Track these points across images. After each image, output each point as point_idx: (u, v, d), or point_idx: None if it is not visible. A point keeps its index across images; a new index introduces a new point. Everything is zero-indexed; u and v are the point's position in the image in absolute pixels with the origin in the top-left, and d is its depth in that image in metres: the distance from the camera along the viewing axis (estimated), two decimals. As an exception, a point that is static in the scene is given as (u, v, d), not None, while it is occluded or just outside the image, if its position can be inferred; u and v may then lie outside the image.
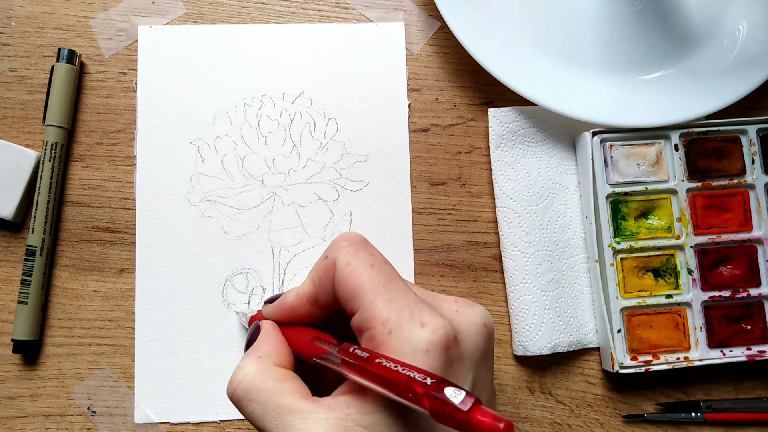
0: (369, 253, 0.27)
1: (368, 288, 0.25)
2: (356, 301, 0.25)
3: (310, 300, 0.28)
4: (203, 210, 0.40)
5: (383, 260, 0.27)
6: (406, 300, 0.25)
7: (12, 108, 0.40)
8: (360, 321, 0.25)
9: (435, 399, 0.20)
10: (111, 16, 0.41)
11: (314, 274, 0.28)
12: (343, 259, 0.26)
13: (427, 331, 0.23)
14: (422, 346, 0.23)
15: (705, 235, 0.40)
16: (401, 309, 0.24)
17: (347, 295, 0.26)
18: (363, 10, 0.42)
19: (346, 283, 0.26)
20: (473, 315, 0.26)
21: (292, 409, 0.24)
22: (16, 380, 0.39)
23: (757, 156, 0.40)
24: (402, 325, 0.24)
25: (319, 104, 0.41)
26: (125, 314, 0.39)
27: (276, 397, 0.25)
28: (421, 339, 0.23)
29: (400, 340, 0.23)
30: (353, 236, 0.27)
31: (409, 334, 0.23)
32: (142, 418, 0.38)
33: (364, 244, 0.27)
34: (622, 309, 0.39)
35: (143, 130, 0.40)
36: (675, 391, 0.41)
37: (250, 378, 0.26)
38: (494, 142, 0.41)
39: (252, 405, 0.25)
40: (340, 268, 0.26)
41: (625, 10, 0.42)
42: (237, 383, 0.26)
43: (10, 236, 0.40)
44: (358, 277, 0.25)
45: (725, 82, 0.41)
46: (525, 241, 0.40)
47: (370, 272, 0.25)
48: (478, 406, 0.19)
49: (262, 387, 0.25)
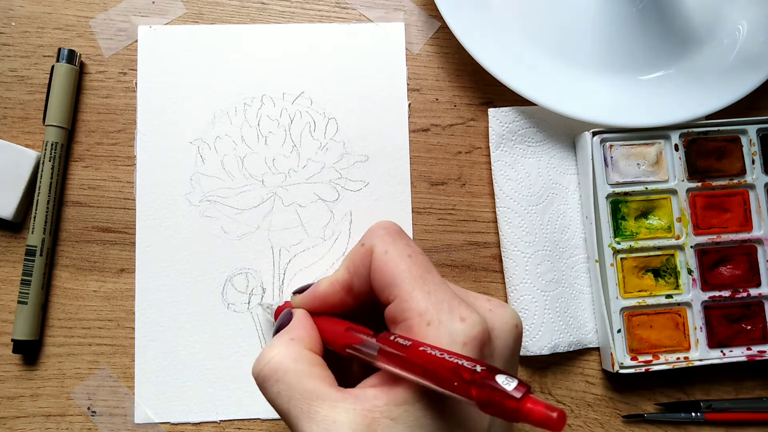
0: (406, 244, 0.26)
1: (406, 278, 0.25)
2: (393, 290, 0.25)
3: (344, 287, 0.28)
4: (203, 210, 0.40)
5: (420, 251, 0.26)
6: (444, 293, 0.24)
7: (12, 108, 0.41)
8: (396, 311, 0.25)
9: (484, 387, 0.20)
10: (111, 16, 0.41)
11: (349, 261, 0.27)
12: (380, 248, 0.26)
13: (467, 325, 0.23)
14: (460, 340, 0.23)
15: (705, 235, 0.40)
16: (440, 302, 0.24)
17: (384, 284, 0.25)
18: (363, 10, 0.42)
19: (384, 272, 0.25)
20: (506, 315, 0.26)
21: (319, 394, 0.23)
22: (16, 380, 0.39)
23: (757, 156, 0.40)
24: (441, 318, 0.23)
25: (319, 104, 0.41)
26: (125, 314, 0.39)
27: (305, 380, 0.24)
28: (459, 332, 0.23)
29: (439, 332, 0.23)
30: (390, 225, 0.27)
31: (449, 326, 0.23)
32: (142, 418, 0.38)
33: (401, 233, 0.27)
34: (622, 309, 0.39)
35: (143, 130, 0.40)
36: (675, 391, 0.41)
37: (279, 358, 0.25)
38: (494, 142, 0.41)
39: (278, 386, 0.24)
40: (378, 257, 0.26)
41: (625, 10, 0.42)
42: (266, 362, 0.25)
43: (10, 236, 0.40)
44: (396, 267, 0.25)
45: (725, 82, 0.41)
46: (525, 241, 0.40)
47: (408, 262, 0.25)
48: (530, 396, 0.19)
49: (291, 368, 0.25)
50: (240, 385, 0.39)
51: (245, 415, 0.39)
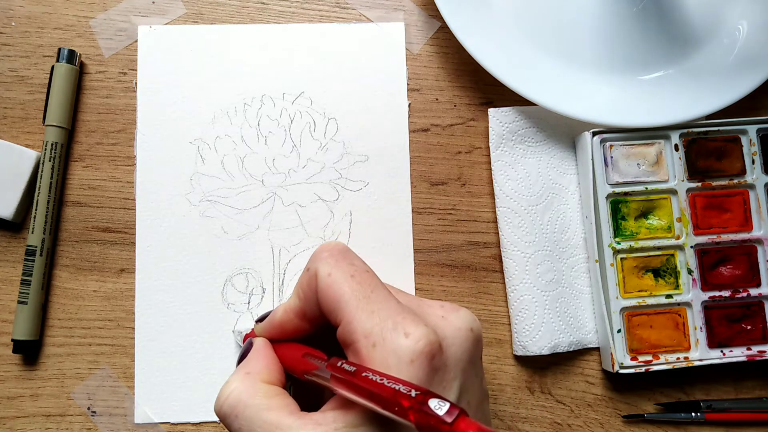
0: (350, 263, 0.26)
1: (349, 299, 0.25)
2: (339, 313, 0.25)
3: (298, 314, 0.28)
4: (203, 210, 0.40)
5: (365, 269, 0.26)
6: (388, 310, 0.24)
7: (12, 108, 0.41)
8: (344, 333, 0.25)
9: (420, 412, 0.20)
10: (111, 16, 0.41)
11: (299, 287, 0.28)
12: (323, 270, 0.26)
13: (411, 340, 0.23)
14: (407, 357, 0.23)
15: (705, 235, 0.40)
16: (383, 320, 0.24)
17: (330, 307, 0.25)
18: (363, 10, 0.42)
19: (328, 295, 0.25)
20: (458, 320, 0.26)
21: (278, 425, 0.24)
22: (16, 380, 0.39)
23: (757, 156, 0.40)
24: (385, 337, 0.23)
25: (319, 104, 0.41)
26: (125, 314, 0.39)
27: (262, 413, 0.24)
28: (405, 349, 0.23)
29: (385, 352, 0.23)
30: (333, 246, 0.27)
31: (393, 345, 0.23)
32: (142, 418, 0.38)
33: (344, 253, 0.27)
34: (622, 309, 0.39)
35: (143, 130, 0.40)
36: (675, 391, 0.41)
37: (236, 394, 0.25)
38: (494, 142, 0.41)
39: (238, 421, 0.25)
40: (322, 280, 0.26)
41: (625, 10, 0.42)
42: (224, 399, 0.26)
43: (10, 236, 0.40)
44: (339, 289, 0.25)
45: (725, 82, 0.41)
46: (525, 241, 0.40)
47: (351, 283, 0.25)
48: (463, 417, 0.19)
49: (248, 403, 0.25)
50: (240, 385, 0.39)
51: (245, 415, 0.39)
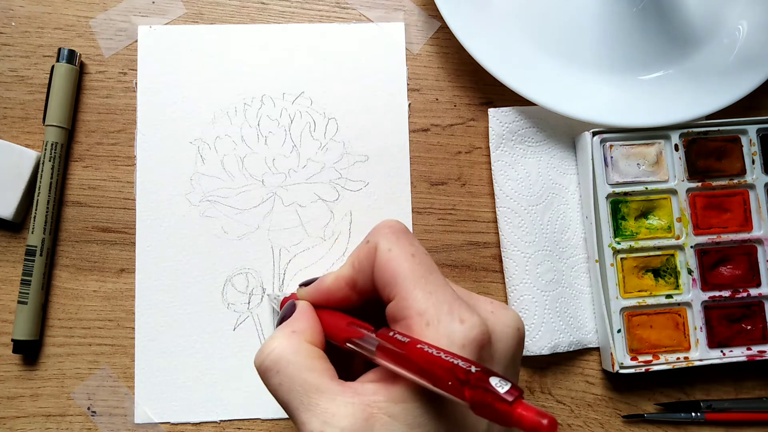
0: (410, 243, 0.26)
1: (408, 277, 0.25)
2: (394, 288, 0.25)
3: (349, 283, 0.28)
4: (203, 210, 0.40)
5: (424, 251, 0.26)
6: (444, 294, 0.24)
7: (12, 108, 0.41)
8: (396, 309, 0.25)
9: (477, 388, 0.20)
10: (111, 16, 0.41)
11: (354, 257, 0.27)
12: (384, 245, 0.26)
13: (466, 326, 0.23)
14: (459, 341, 0.23)
15: (705, 235, 0.40)
16: (440, 302, 0.24)
17: (385, 282, 0.25)
18: (363, 10, 0.42)
19: (386, 270, 0.25)
20: (507, 318, 0.26)
21: (319, 387, 0.24)
22: (16, 380, 0.39)
23: (757, 156, 0.40)
24: (440, 319, 0.23)
25: (319, 104, 0.41)
26: (125, 314, 0.39)
27: (305, 372, 0.24)
28: (458, 333, 0.23)
29: (438, 333, 0.23)
30: (396, 224, 0.27)
31: (447, 328, 0.23)
32: (142, 418, 0.38)
33: (405, 232, 0.27)
34: (622, 309, 0.39)
35: (143, 130, 0.40)
36: (675, 391, 0.41)
37: (280, 350, 0.25)
38: (494, 142, 0.41)
39: (279, 377, 0.25)
40: (381, 254, 0.26)
41: (625, 10, 0.42)
42: (267, 353, 0.25)
43: (10, 236, 0.40)
44: (398, 265, 0.25)
45: (725, 82, 0.41)
46: (525, 241, 0.40)
47: (411, 261, 0.25)
48: (522, 400, 0.19)
49: (292, 360, 0.25)
50: (240, 385, 0.39)
51: (245, 415, 0.39)
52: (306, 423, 0.23)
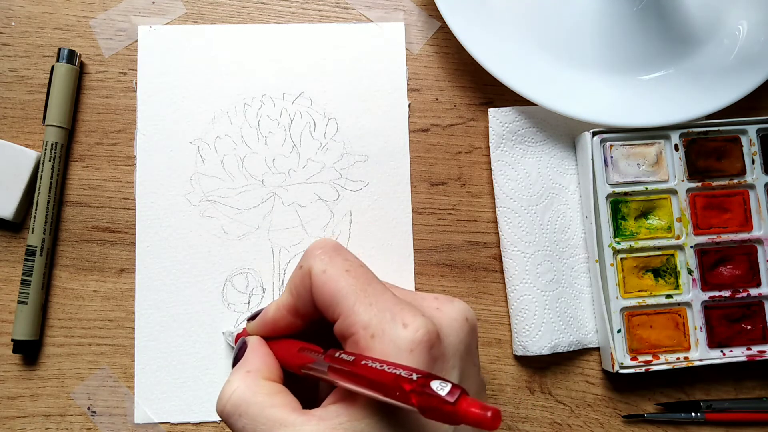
0: (344, 259, 0.26)
1: (346, 294, 0.25)
2: (336, 308, 0.25)
3: (291, 311, 0.28)
4: (203, 210, 0.40)
5: (359, 264, 0.27)
6: (385, 302, 0.25)
7: (12, 108, 0.41)
8: (342, 327, 0.25)
9: (422, 394, 0.20)
10: (111, 16, 0.41)
11: (291, 284, 0.28)
12: (318, 267, 0.26)
13: (410, 331, 0.23)
14: (406, 346, 0.23)
15: (705, 235, 0.40)
16: (381, 311, 0.24)
17: (326, 303, 0.26)
18: (363, 10, 0.42)
19: (324, 291, 0.26)
20: (454, 311, 0.26)
21: (282, 422, 0.24)
22: (16, 380, 0.39)
23: (757, 156, 0.40)
24: (384, 328, 0.24)
25: (319, 104, 0.41)
26: (125, 314, 0.39)
27: (266, 410, 0.24)
28: (404, 339, 0.23)
29: (384, 343, 0.23)
30: (326, 243, 0.27)
31: (392, 335, 0.23)
32: (142, 418, 0.38)
33: (338, 250, 0.27)
34: (622, 309, 0.39)
35: (143, 130, 0.40)
36: (675, 391, 0.41)
37: (239, 393, 0.25)
38: (494, 142, 0.41)
39: (242, 420, 0.25)
40: (316, 277, 0.26)
41: (625, 10, 0.42)
42: (226, 399, 0.26)
43: (10, 236, 0.40)
44: (336, 284, 0.25)
45: (725, 82, 0.41)
46: (525, 241, 0.40)
47: (347, 278, 0.25)
48: (465, 397, 0.19)
49: (251, 401, 0.25)
50: (240, 385, 0.39)
51: (245, 415, 0.39)
52: None
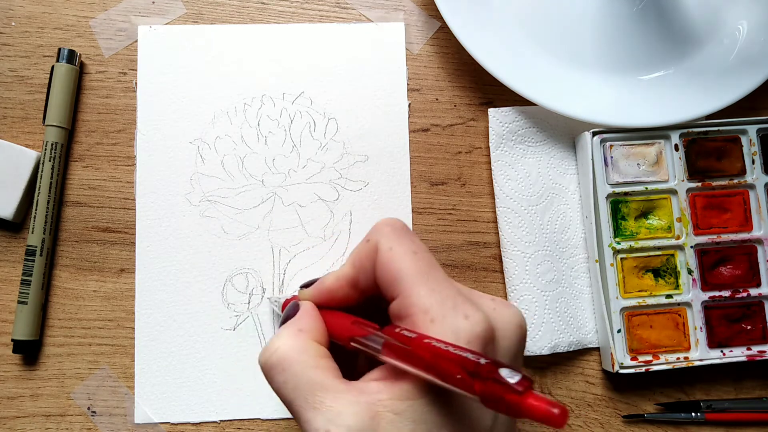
0: (411, 240, 0.26)
1: (410, 274, 0.25)
2: (397, 286, 0.25)
3: (350, 283, 0.28)
4: (203, 210, 0.40)
5: (425, 249, 0.26)
6: (448, 290, 0.24)
7: (12, 108, 0.41)
8: (400, 307, 0.25)
9: (487, 380, 0.19)
10: (111, 16, 0.41)
11: (355, 257, 0.27)
12: (385, 244, 0.26)
13: (470, 322, 0.23)
14: (464, 337, 0.23)
15: (705, 235, 0.40)
16: (444, 299, 0.24)
17: (388, 280, 0.25)
18: (363, 10, 0.42)
19: (388, 268, 0.25)
20: (510, 314, 0.26)
21: (324, 385, 0.24)
22: (16, 380, 0.39)
23: (757, 156, 0.40)
24: (445, 314, 0.23)
25: (319, 104, 0.41)
26: (125, 314, 0.39)
27: (310, 371, 0.24)
28: (463, 330, 0.23)
29: (443, 329, 0.23)
30: (396, 222, 0.27)
31: (453, 324, 0.23)
32: (142, 418, 0.38)
33: (406, 230, 0.27)
34: (622, 309, 0.39)
35: (143, 130, 0.40)
36: (675, 391, 0.41)
37: (286, 348, 0.25)
38: (494, 142, 0.41)
39: (284, 375, 0.24)
40: (382, 253, 0.26)
41: (625, 10, 0.42)
42: (272, 351, 0.25)
43: (10, 236, 0.40)
44: (401, 263, 0.25)
45: (725, 82, 0.41)
46: (525, 241, 0.40)
47: (413, 259, 0.25)
48: (532, 391, 0.19)
49: (297, 359, 0.25)
50: (240, 385, 0.39)
51: (245, 415, 0.39)
52: (310, 421, 0.23)
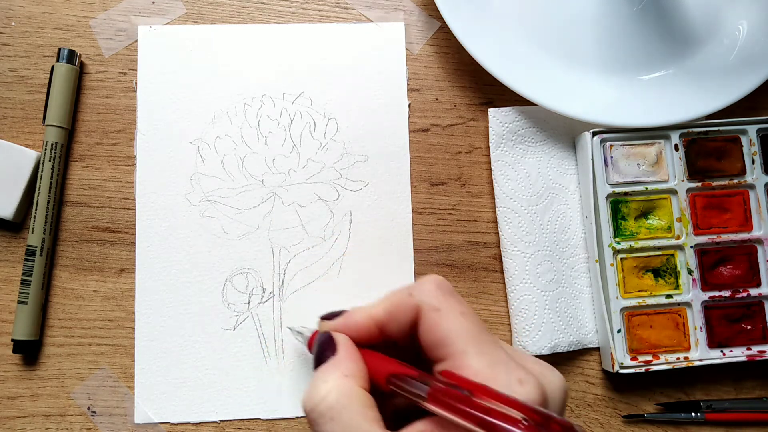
0: (459, 301, 0.26)
1: (461, 337, 0.24)
2: (445, 348, 0.25)
3: (378, 325, 0.27)
4: (203, 210, 0.40)
5: (472, 310, 0.26)
6: (498, 355, 0.24)
7: (12, 108, 0.41)
8: (449, 369, 0.24)
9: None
10: (111, 16, 0.41)
11: (391, 306, 0.27)
12: (430, 304, 0.26)
13: (525, 388, 0.23)
14: None
15: (705, 235, 0.40)
16: (495, 363, 0.24)
17: (435, 342, 0.25)
18: (363, 10, 0.42)
19: (435, 330, 0.25)
20: (557, 380, 0.26)
21: None
22: (16, 380, 0.39)
23: (757, 156, 0.40)
24: (498, 379, 0.23)
25: (319, 104, 0.41)
26: (125, 314, 0.39)
27: (359, 421, 0.24)
28: (519, 395, 0.23)
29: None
30: (443, 282, 0.27)
31: (508, 389, 0.23)
32: (142, 418, 0.38)
33: (452, 291, 0.27)
34: (622, 309, 0.39)
35: (143, 130, 0.40)
36: (675, 391, 0.41)
37: (335, 396, 0.24)
38: (494, 142, 0.41)
39: (333, 425, 0.24)
40: (428, 313, 0.25)
41: (625, 10, 0.42)
42: (320, 398, 0.24)
43: (10, 236, 0.40)
44: (450, 324, 0.25)
45: (725, 82, 0.41)
46: (525, 241, 0.40)
47: (462, 321, 0.25)
48: None
49: (347, 408, 0.24)
50: (240, 385, 0.39)
51: (245, 415, 0.39)
52: None
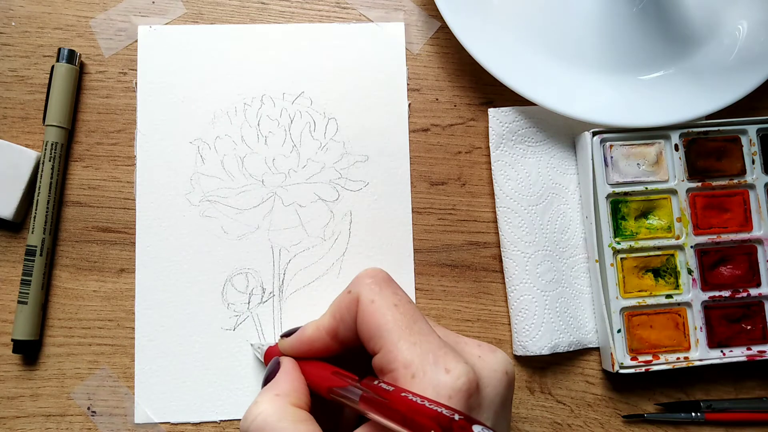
0: (393, 292, 0.26)
1: (392, 328, 0.25)
2: (378, 340, 0.25)
3: (330, 333, 0.28)
4: (203, 210, 0.40)
5: (408, 300, 0.26)
6: (429, 343, 0.24)
7: (12, 108, 0.41)
8: (382, 362, 0.25)
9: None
10: (111, 16, 0.41)
11: (336, 308, 0.27)
12: (366, 296, 0.26)
13: (451, 377, 0.23)
14: (445, 392, 0.23)
15: (705, 235, 0.40)
16: (425, 353, 0.24)
17: (369, 334, 0.25)
18: (363, 10, 0.42)
19: (369, 322, 0.25)
20: (495, 362, 0.26)
21: None
22: (16, 380, 0.39)
23: (757, 156, 0.40)
24: (425, 370, 0.23)
25: (319, 104, 0.41)
26: (125, 314, 0.39)
27: None
28: (444, 385, 0.23)
29: (423, 385, 0.23)
30: (378, 273, 0.27)
31: (433, 378, 0.23)
32: (142, 418, 0.38)
33: (388, 282, 0.27)
34: (622, 309, 0.39)
35: (143, 130, 0.40)
36: (675, 391, 0.41)
37: (264, 416, 0.25)
38: (494, 142, 0.41)
39: None
40: (364, 305, 0.26)
41: (625, 10, 0.42)
42: (251, 420, 0.25)
43: (10, 236, 0.40)
44: (382, 317, 0.25)
45: (725, 82, 0.41)
46: (525, 241, 0.40)
47: (394, 312, 0.25)
48: None
49: (276, 427, 0.25)
50: (240, 385, 0.39)
51: (245, 415, 0.39)
52: None
